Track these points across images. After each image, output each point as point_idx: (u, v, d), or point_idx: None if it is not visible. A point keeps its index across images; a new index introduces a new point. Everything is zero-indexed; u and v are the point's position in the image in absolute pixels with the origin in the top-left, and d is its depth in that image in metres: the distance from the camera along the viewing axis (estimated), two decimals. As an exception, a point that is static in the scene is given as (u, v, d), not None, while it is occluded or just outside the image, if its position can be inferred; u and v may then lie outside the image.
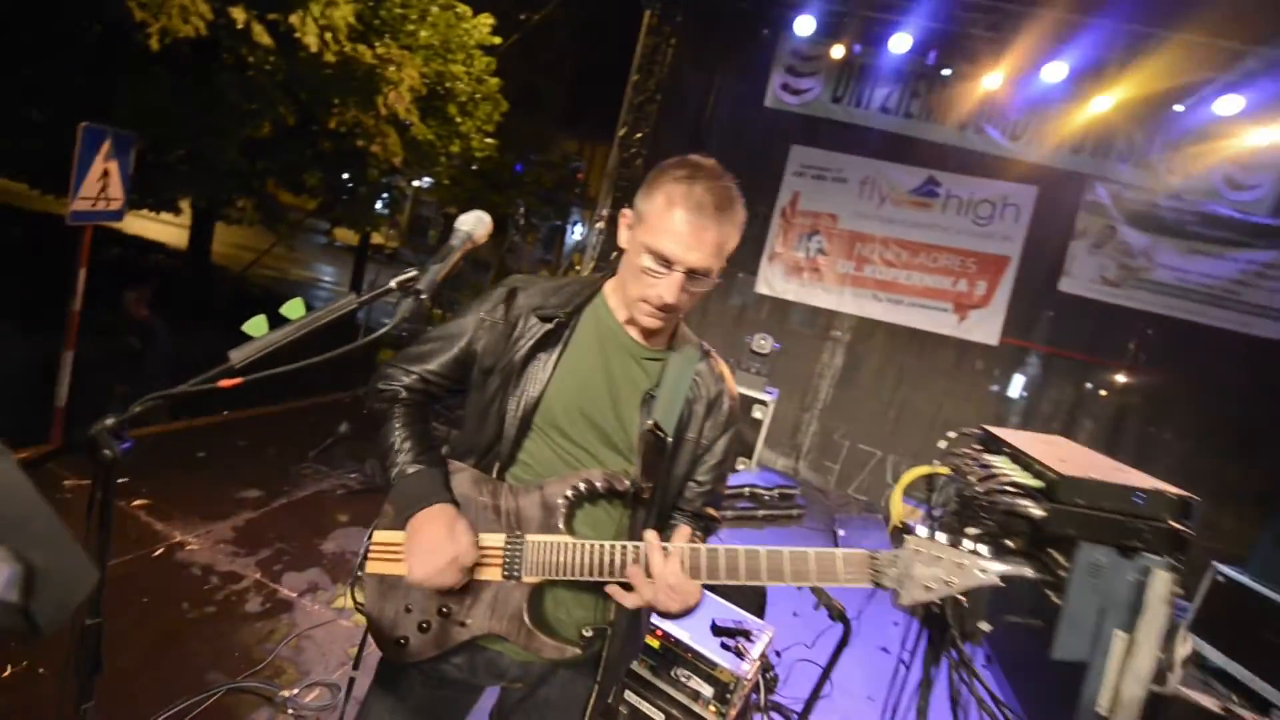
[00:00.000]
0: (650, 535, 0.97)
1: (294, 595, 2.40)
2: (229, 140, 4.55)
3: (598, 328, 1.11)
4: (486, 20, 7.12)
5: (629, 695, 2.14)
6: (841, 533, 4.21)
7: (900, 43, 5.75)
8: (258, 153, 5.33)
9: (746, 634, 2.18)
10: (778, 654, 2.83)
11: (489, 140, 6.99)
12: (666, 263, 1.01)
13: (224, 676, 1.99)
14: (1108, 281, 5.90)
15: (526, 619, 1.01)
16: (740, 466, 5.18)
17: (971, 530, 1.11)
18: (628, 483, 1.03)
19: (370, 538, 1.11)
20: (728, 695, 1.99)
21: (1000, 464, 1.11)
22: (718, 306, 6.87)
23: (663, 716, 2.08)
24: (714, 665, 2.02)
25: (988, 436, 1.27)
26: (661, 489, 1.07)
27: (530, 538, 1.02)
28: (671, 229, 0.99)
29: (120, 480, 2.90)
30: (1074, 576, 0.96)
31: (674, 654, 2.09)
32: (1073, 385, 6.19)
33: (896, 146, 6.32)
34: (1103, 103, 5.59)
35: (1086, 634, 0.96)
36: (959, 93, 6.03)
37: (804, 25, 5.91)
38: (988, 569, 0.86)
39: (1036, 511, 1.01)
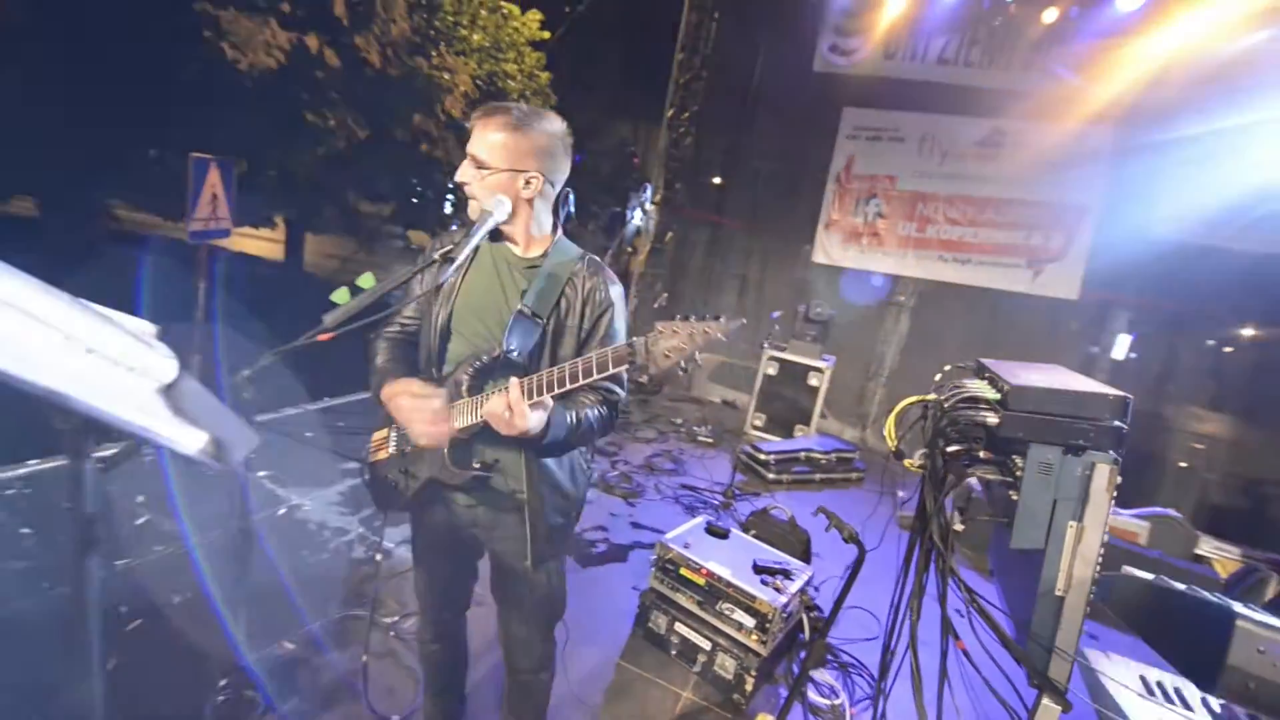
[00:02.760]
0: (512, 379, 1.23)
1: (392, 545, 2.78)
2: (310, 157, 5.07)
3: (490, 252, 1.43)
4: (535, 17, 7.40)
5: (679, 626, 2.36)
6: (902, 494, 4.21)
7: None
8: (336, 166, 5.89)
9: (786, 573, 2.33)
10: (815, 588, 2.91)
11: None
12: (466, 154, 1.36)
13: (341, 608, 2.39)
14: (1200, 221, 5.42)
15: (448, 461, 1.36)
16: (799, 432, 5.26)
17: (948, 447, 1.22)
18: (499, 351, 1.33)
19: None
20: (767, 625, 2.16)
21: (972, 385, 1.21)
22: (775, 278, 6.89)
23: (710, 645, 2.28)
24: (754, 599, 2.19)
25: (979, 366, 1.36)
26: (551, 361, 1.37)
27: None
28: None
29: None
30: (1027, 475, 1.06)
31: (718, 589, 2.28)
32: (1171, 340, 5.74)
33: (957, 99, 6.04)
34: (1188, 26, 5.13)
35: (1041, 525, 1.06)
36: (1021, 33, 5.70)
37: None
38: (715, 328, 1.11)
39: (991, 419, 1.12)
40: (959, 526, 1.19)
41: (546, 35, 7.42)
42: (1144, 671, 1.55)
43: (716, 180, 7.30)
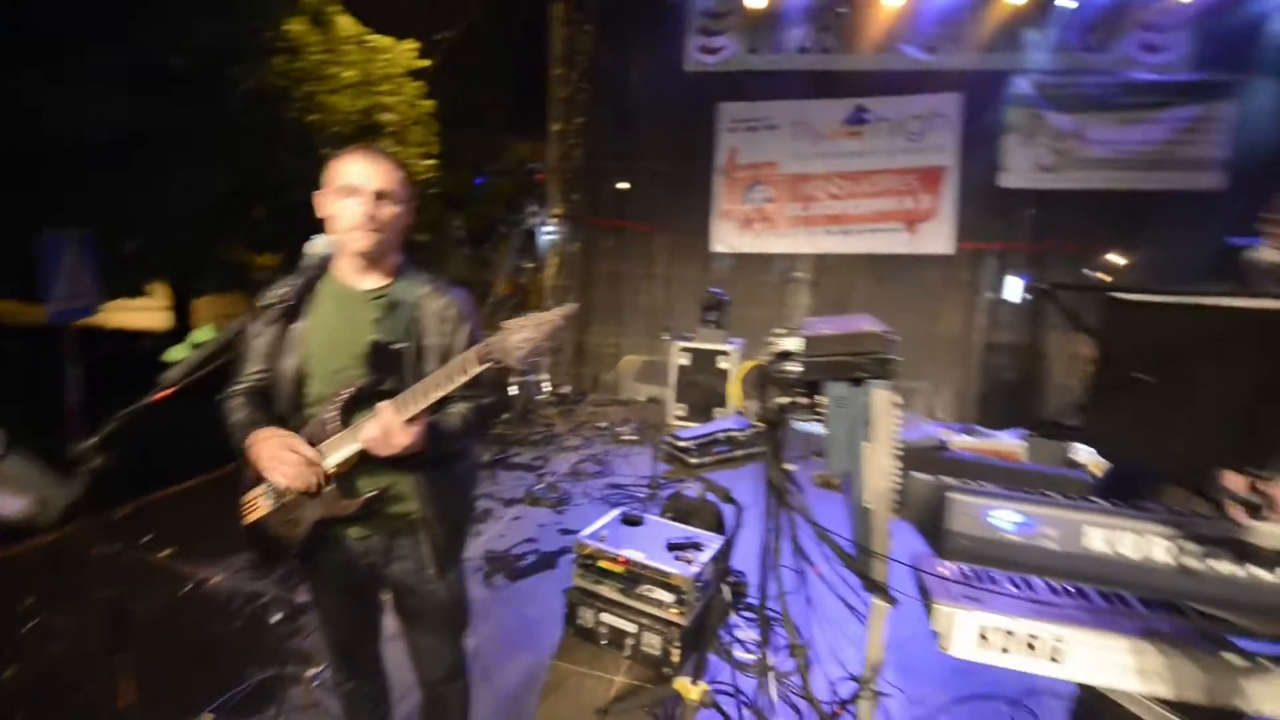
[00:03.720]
0: (381, 402, 1.30)
1: (308, 599, 2.74)
2: (179, 216, 4.86)
3: (329, 289, 1.46)
4: (409, 46, 7.34)
5: (604, 616, 2.44)
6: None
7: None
8: (207, 223, 5.65)
9: (696, 545, 2.47)
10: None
11: (428, 162, 7.23)
12: (352, 191, 1.37)
13: (259, 670, 2.33)
14: (1044, 169, 6.03)
15: (337, 496, 1.37)
16: (717, 415, 5.45)
17: (777, 399, 1.37)
18: (363, 383, 1.37)
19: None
20: (684, 597, 2.29)
21: (785, 343, 1.37)
22: (680, 274, 7.10)
23: (635, 627, 2.38)
24: (668, 574, 2.31)
25: (802, 326, 1.52)
26: (417, 381, 1.37)
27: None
28: (347, 172, 1.38)
29: (145, 539, 3.23)
30: (829, 410, 1.22)
31: (636, 573, 2.39)
32: (1048, 277, 6.27)
33: (820, 83, 6.47)
34: None
35: (845, 450, 1.22)
36: (869, 18, 6.16)
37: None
38: (555, 314, 1.20)
39: (797, 367, 1.27)
40: (791, 466, 1.34)
41: (425, 64, 7.36)
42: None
43: (622, 185, 7.46)
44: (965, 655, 1.14)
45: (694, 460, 4.41)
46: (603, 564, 2.45)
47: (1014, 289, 6.36)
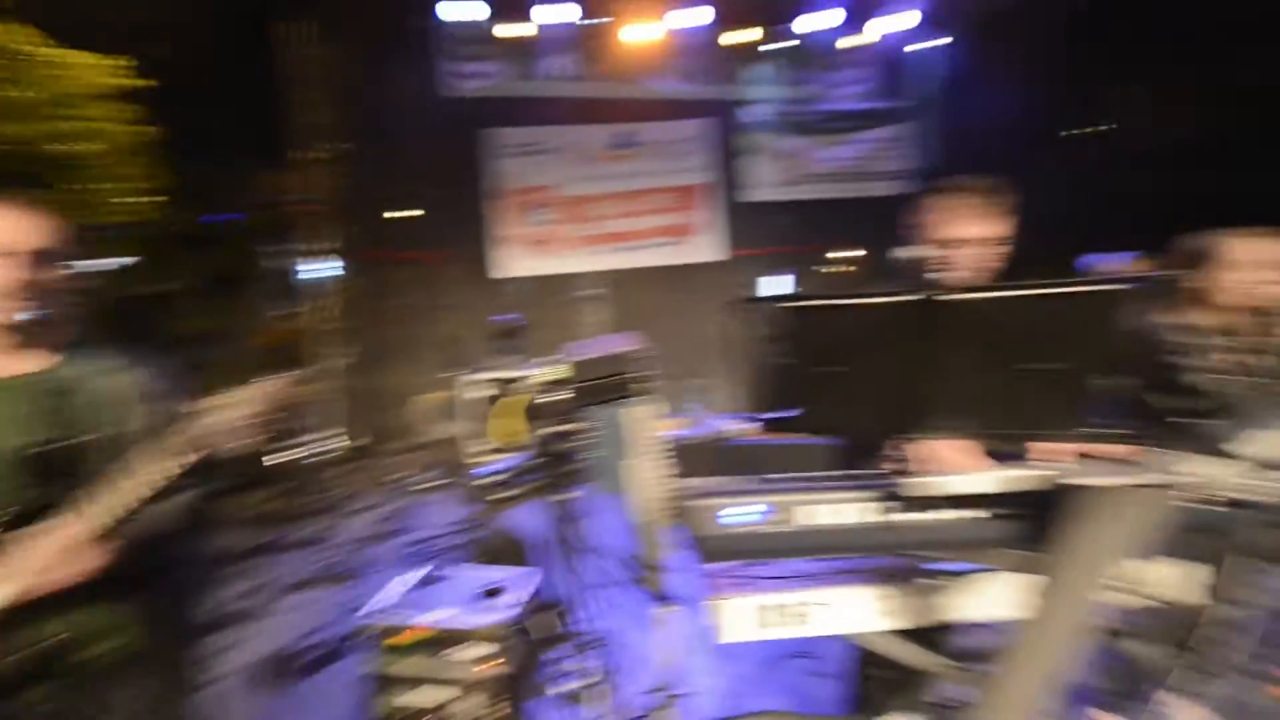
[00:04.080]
0: (45, 524, 1.04)
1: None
2: None
3: None
4: (107, 63, 6.09)
5: (415, 695, 2.23)
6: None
7: (558, 11, 6.12)
8: None
9: (506, 588, 2.38)
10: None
11: (153, 199, 6.08)
12: None
13: None
14: (781, 184, 7.03)
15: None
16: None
17: (553, 428, 1.37)
18: (14, 508, 1.06)
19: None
20: (501, 645, 2.18)
21: (551, 371, 1.38)
22: (473, 302, 6.88)
23: (454, 693, 2.20)
24: (478, 629, 2.18)
25: (567, 351, 1.55)
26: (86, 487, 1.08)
27: None
28: None
29: None
30: (595, 433, 1.26)
31: (443, 638, 2.21)
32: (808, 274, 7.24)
33: (587, 109, 6.78)
34: (736, 36, 6.58)
35: (615, 470, 1.26)
36: (627, 49, 6.61)
37: (471, 10, 6.04)
38: (266, 386, 1.08)
39: (567, 396, 1.29)
40: (576, 493, 1.35)
41: (135, 82, 6.13)
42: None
43: (402, 214, 6.99)
44: (741, 639, 1.24)
45: (501, 495, 4.24)
46: (401, 638, 2.22)
47: (772, 287, 7.32)
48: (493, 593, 2.34)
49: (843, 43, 6.75)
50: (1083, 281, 0.77)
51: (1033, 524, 1.01)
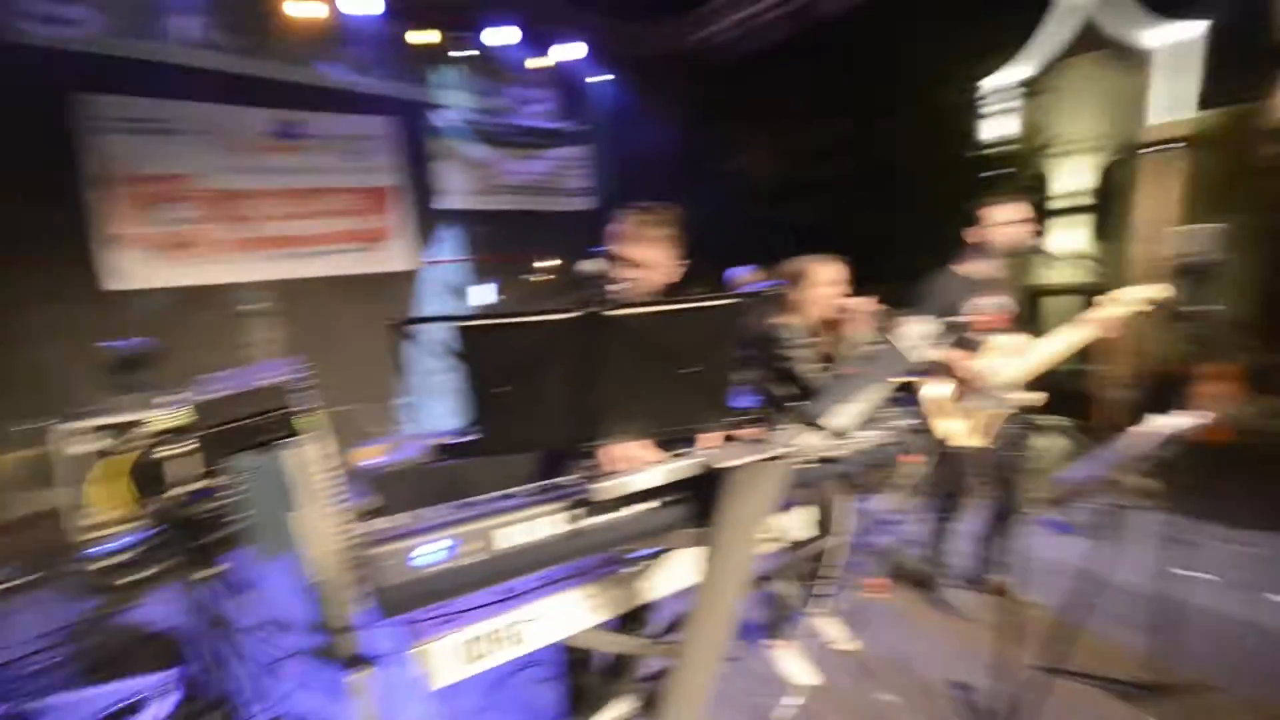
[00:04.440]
0: None
1: None
2: None
3: None
4: None
5: None
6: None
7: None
8: None
9: (136, 706, 1.82)
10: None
11: None
12: None
13: None
14: (475, 193, 6.95)
15: None
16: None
17: (177, 490, 1.07)
18: None
19: None
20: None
21: (162, 418, 1.09)
22: (79, 324, 5.15)
23: None
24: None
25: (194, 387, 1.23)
26: None
27: None
28: None
29: None
30: (242, 487, 1.04)
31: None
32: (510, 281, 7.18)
33: (240, 87, 5.65)
34: (417, 36, 6.25)
35: (278, 528, 1.07)
36: (290, 25, 5.69)
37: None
38: None
39: (190, 446, 1.03)
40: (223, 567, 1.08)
41: None
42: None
43: None
44: (454, 679, 1.15)
45: (124, 582, 3.23)
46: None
47: (480, 296, 7.18)
48: (118, 715, 1.77)
49: (530, 62, 7.01)
50: (713, 297, 0.92)
51: (700, 503, 1.17)
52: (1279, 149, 8.39)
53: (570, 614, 1.26)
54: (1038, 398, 2.65)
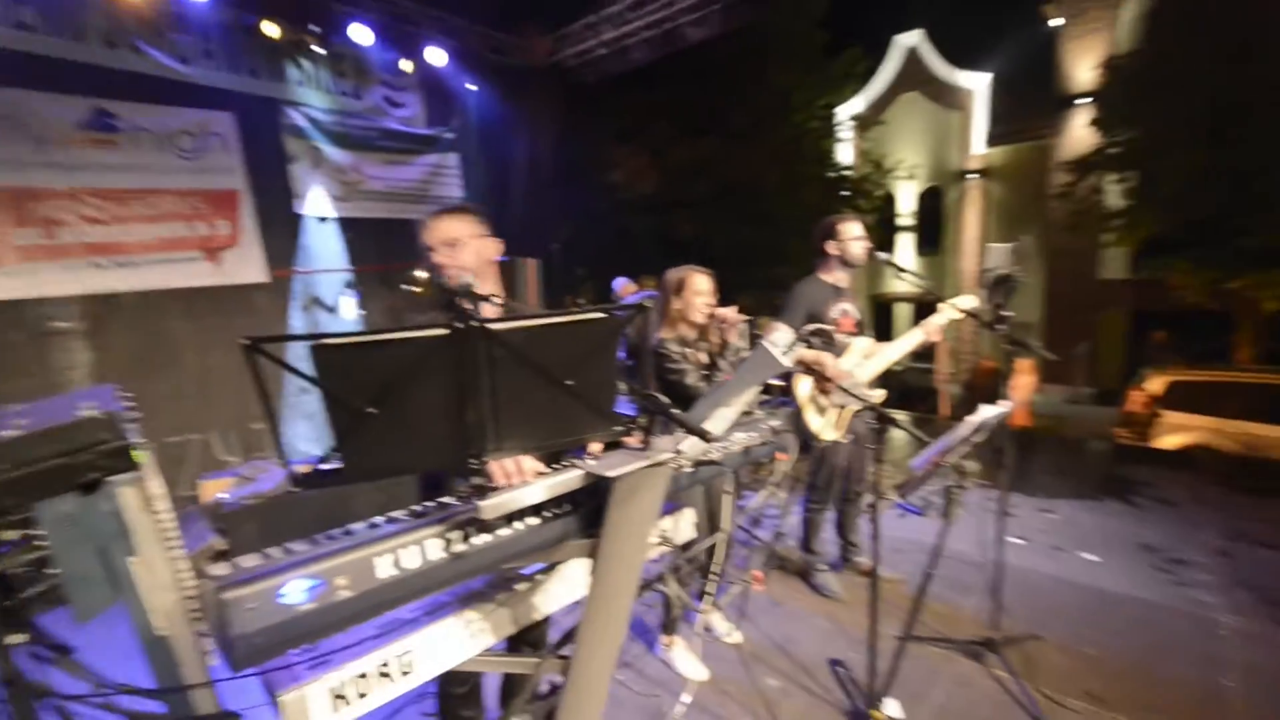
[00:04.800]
0: None
1: None
2: None
3: None
4: None
5: None
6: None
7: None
8: None
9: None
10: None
11: None
12: None
13: None
14: (337, 198, 6.46)
15: None
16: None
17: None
18: None
19: None
20: None
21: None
22: None
23: None
24: None
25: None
26: None
27: None
28: None
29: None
30: (53, 540, 0.89)
31: None
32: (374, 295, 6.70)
33: (35, 70, 4.82)
34: (268, 26, 5.73)
35: (101, 582, 0.93)
36: (99, 6, 4.97)
37: None
38: None
39: None
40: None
41: None
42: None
43: None
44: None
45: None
46: None
47: (350, 307, 6.66)
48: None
49: (398, 65, 6.67)
50: (587, 310, 0.94)
51: (588, 514, 1.17)
52: (1068, 179, 10.07)
53: (466, 635, 1.21)
54: (883, 394, 2.97)
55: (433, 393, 0.88)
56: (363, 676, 1.09)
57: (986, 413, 1.81)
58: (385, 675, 1.10)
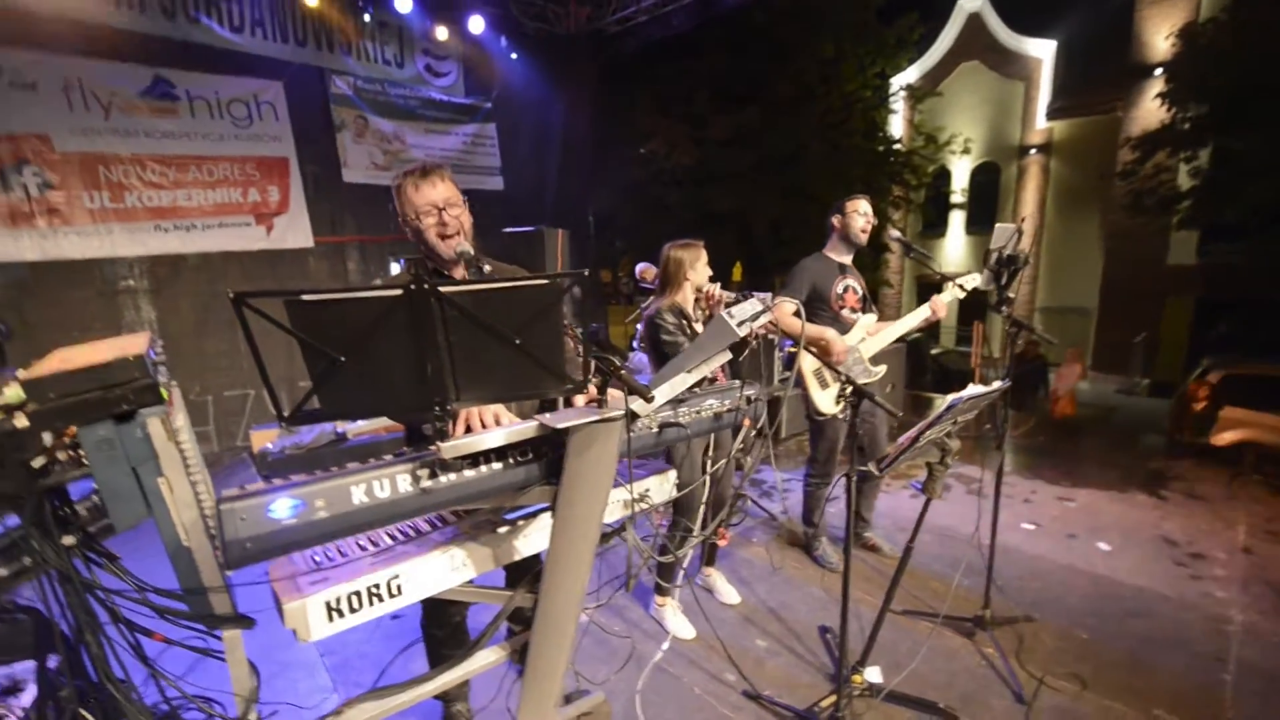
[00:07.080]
0: None
1: None
2: None
3: None
4: None
5: None
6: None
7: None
8: None
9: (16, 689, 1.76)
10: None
11: None
12: None
13: None
14: (378, 167, 6.69)
15: None
16: None
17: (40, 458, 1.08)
18: None
19: None
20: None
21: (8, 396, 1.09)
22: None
23: None
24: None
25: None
26: None
27: None
28: None
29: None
30: (93, 460, 1.06)
31: None
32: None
33: (98, 39, 5.13)
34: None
35: (135, 498, 1.10)
36: None
37: None
38: None
39: (21, 422, 1.04)
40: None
41: None
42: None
43: None
44: (324, 635, 1.23)
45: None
46: None
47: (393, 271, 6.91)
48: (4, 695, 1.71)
49: (436, 33, 6.78)
50: (529, 278, 1.05)
51: (550, 463, 1.29)
52: (1133, 156, 9.49)
53: (450, 567, 1.36)
54: (884, 369, 2.99)
55: (395, 346, 1.01)
56: (356, 594, 1.26)
57: (966, 392, 1.84)
58: (375, 595, 1.27)
